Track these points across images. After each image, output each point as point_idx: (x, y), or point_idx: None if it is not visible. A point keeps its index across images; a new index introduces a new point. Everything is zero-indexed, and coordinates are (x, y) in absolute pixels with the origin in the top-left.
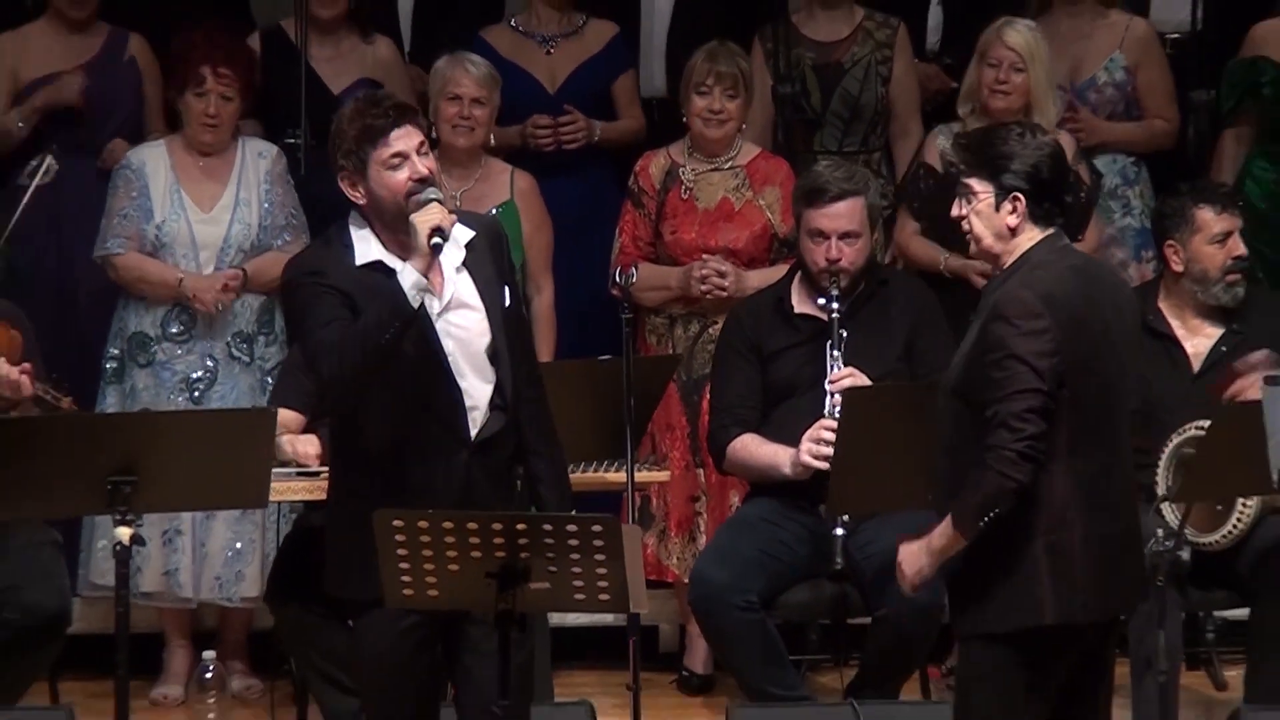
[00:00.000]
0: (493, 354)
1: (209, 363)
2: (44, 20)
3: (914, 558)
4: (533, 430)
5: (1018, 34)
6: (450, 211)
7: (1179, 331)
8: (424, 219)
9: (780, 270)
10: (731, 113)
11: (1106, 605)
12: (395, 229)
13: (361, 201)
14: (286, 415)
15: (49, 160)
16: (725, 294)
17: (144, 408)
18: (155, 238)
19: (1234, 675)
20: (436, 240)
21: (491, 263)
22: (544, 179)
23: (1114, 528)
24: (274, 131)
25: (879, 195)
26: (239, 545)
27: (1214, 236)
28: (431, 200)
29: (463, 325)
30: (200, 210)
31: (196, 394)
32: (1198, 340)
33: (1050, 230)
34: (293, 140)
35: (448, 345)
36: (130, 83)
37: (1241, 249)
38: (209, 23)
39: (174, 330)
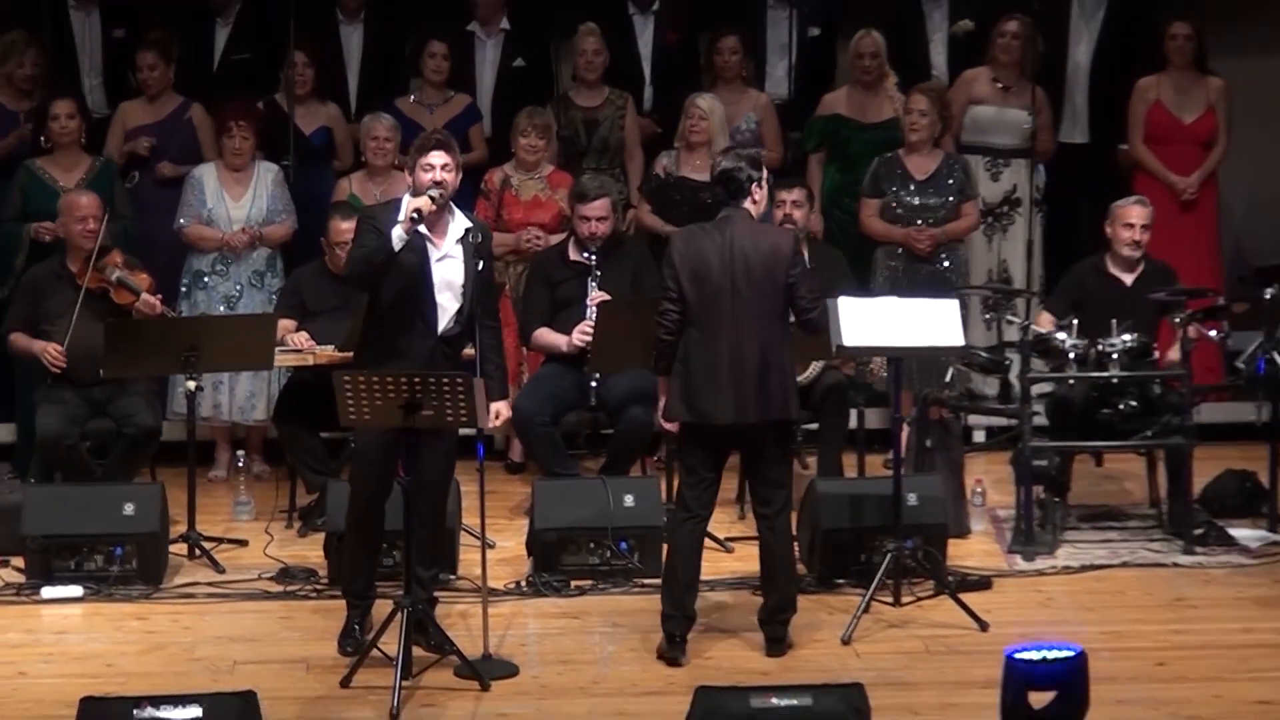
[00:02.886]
0: (461, 289)
1: (237, 288)
2: (143, 97)
3: (664, 406)
4: (489, 340)
5: (703, 100)
6: (435, 207)
7: None
8: (413, 203)
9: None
10: (541, 148)
11: (697, 414)
12: None
13: (410, 182)
14: (285, 322)
15: (134, 175)
16: (540, 248)
17: (201, 313)
18: (207, 216)
19: (811, 461)
20: (414, 215)
21: (476, 246)
22: None
23: (713, 366)
24: (273, 157)
25: (618, 194)
26: (254, 390)
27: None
28: (427, 195)
29: (447, 268)
30: (233, 200)
31: (231, 306)
32: None
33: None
34: (286, 163)
35: (436, 276)
36: (188, 131)
37: (788, 213)
38: (235, 99)
39: (218, 268)
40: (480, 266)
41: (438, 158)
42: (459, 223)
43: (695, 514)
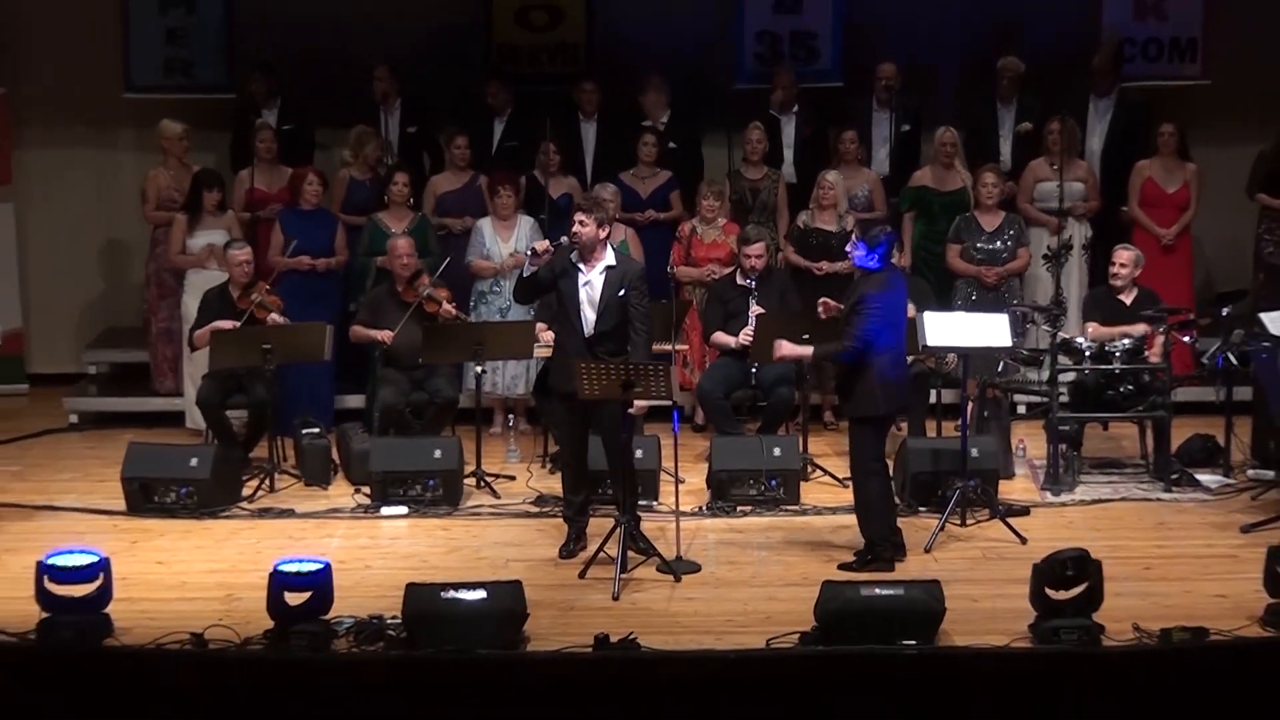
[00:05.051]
0: (599, 305)
1: (507, 302)
2: (448, 169)
3: (790, 349)
4: (637, 339)
5: (830, 175)
6: (550, 248)
7: None
8: (536, 244)
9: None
10: (717, 208)
11: (895, 407)
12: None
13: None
14: (540, 325)
15: (445, 225)
16: (717, 279)
17: (483, 319)
18: (486, 253)
19: (904, 426)
20: (531, 250)
21: (619, 275)
22: (642, 231)
23: (903, 376)
24: (532, 213)
25: (771, 239)
26: (519, 372)
27: None
28: (548, 240)
29: (590, 290)
30: (503, 241)
31: (503, 315)
32: None
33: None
34: (542, 217)
35: (581, 294)
36: (478, 194)
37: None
38: (501, 170)
39: (494, 289)
40: (622, 293)
41: (578, 216)
42: (607, 259)
43: (885, 464)
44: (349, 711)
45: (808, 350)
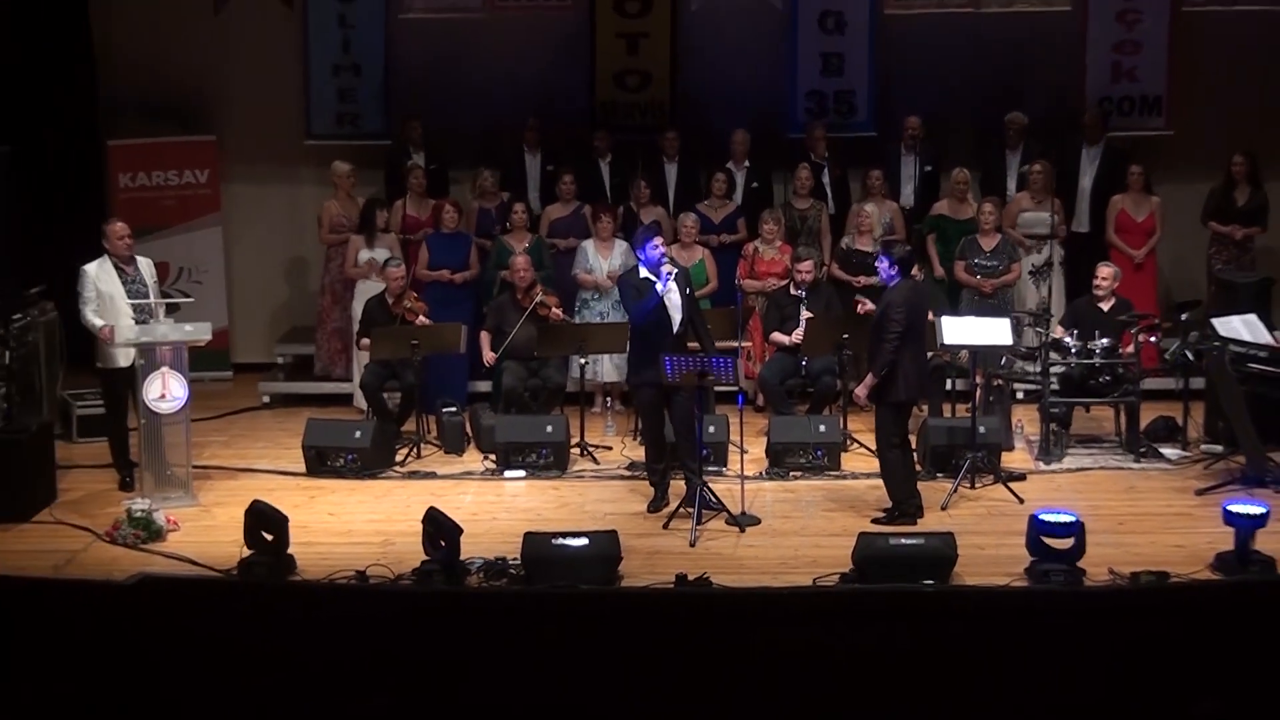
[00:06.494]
0: (680, 306)
1: (606, 308)
2: (560, 201)
3: (863, 387)
4: (705, 336)
5: (868, 206)
6: (671, 265)
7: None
8: (666, 267)
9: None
10: (775, 231)
11: (914, 394)
12: None
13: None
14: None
15: (555, 245)
16: (775, 289)
17: (586, 322)
18: (589, 268)
19: (925, 408)
20: (671, 271)
21: (683, 278)
22: (715, 251)
23: (922, 368)
24: (627, 236)
25: (819, 256)
26: (616, 363)
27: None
28: (670, 261)
29: (671, 296)
30: (602, 259)
31: (603, 318)
32: None
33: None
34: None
35: (668, 300)
36: (583, 221)
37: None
38: (601, 201)
39: (595, 297)
40: (688, 290)
41: (659, 240)
42: (673, 270)
43: (906, 441)
44: (479, 634)
45: (869, 379)
